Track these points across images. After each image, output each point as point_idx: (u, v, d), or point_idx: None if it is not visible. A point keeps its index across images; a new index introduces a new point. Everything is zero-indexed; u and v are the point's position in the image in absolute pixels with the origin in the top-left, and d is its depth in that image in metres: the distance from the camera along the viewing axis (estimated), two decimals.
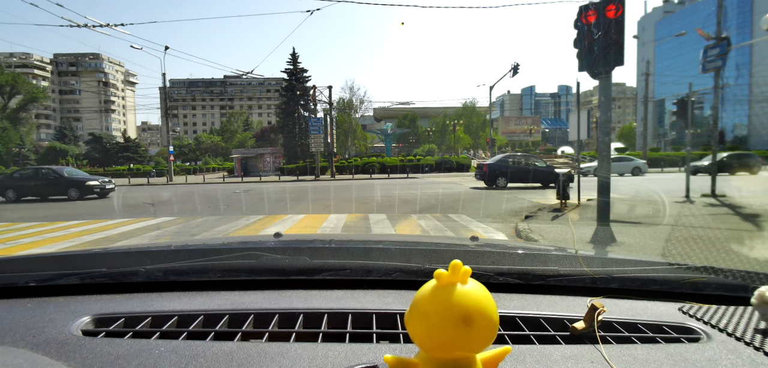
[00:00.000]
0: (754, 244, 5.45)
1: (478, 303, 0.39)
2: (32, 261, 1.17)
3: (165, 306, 0.80)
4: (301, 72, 44.32)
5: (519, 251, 1.20)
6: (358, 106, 49.05)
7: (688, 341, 0.66)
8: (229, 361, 0.58)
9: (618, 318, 0.74)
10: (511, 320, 0.74)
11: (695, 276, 0.97)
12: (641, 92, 54.63)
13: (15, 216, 10.58)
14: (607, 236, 5.99)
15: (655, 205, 9.91)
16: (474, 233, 6.30)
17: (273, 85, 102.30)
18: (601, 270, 0.98)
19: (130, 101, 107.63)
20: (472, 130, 59.83)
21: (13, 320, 0.73)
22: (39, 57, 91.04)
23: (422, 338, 0.40)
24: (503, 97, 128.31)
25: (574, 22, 6.39)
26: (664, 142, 63.14)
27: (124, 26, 18.06)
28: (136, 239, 6.85)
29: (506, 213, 9.08)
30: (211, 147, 68.42)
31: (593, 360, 0.59)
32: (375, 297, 0.84)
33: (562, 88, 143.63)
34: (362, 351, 0.61)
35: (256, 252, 1.12)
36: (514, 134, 61.76)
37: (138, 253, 1.19)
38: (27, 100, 51.95)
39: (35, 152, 56.39)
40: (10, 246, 6.48)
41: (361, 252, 1.21)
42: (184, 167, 47.07)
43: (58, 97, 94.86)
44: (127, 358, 0.58)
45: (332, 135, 33.41)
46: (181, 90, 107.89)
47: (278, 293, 0.86)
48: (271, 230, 7.01)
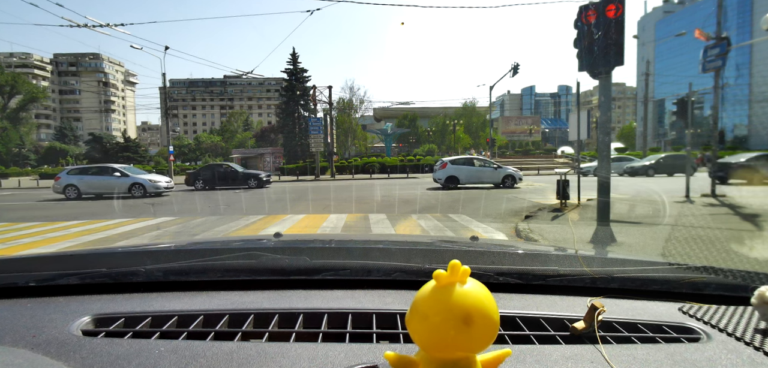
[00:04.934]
0: (754, 244, 5.45)
1: (478, 303, 0.39)
2: (32, 261, 1.17)
3: (165, 306, 0.80)
4: (301, 72, 44.35)
5: (519, 251, 1.20)
6: (358, 106, 49.08)
7: (688, 341, 0.66)
8: (229, 361, 0.58)
9: (618, 318, 0.74)
10: (511, 320, 0.74)
11: (695, 276, 0.97)
12: (641, 92, 54.64)
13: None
14: (607, 236, 5.99)
15: (655, 205, 9.91)
16: (474, 233, 6.30)
17: (273, 85, 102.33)
18: (601, 270, 0.98)
19: (130, 101, 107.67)
20: (472, 130, 59.77)
21: (13, 320, 0.73)
22: (39, 57, 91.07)
23: (423, 338, 0.40)
24: (503, 97, 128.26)
25: (574, 22, 6.39)
26: (664, 142, 63.02)
27: (124, 26, 18.02)
28: (136, 239, 6.85)
29: (506, 213, 9.08)
30: (211, 147, 68.41)
31: (593, 360, 0.59)
32: (375, 297, 0.84)
33: (562, 88, 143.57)
34: (362, 351, 0.61)
35: (256, 252, 1.12)
36: (514, 134, 61.67)
37: (138, 253, 1.19)
38: (27, 100, 51.99)
39: (35, 152, 56.37)
40: (10, 246, 6.48)
41: (361, 252, 1.21)
42: (184, 167, 46.99)
43: (58, 97, 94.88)
44: (127, 358, 0.58)
45: (332, 135, 33.41)
46: (181, 90, 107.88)
47: (278, 293, 0.86)
48: (271, 230, 7.01)
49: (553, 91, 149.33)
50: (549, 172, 27.10)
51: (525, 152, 52.05)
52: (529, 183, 19.61)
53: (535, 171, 31.89)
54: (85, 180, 16.24)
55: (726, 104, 64.45)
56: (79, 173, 16.69)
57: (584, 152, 33.92)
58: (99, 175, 16.46)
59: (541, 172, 30.85)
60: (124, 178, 16.19)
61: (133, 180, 16.07)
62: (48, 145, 60.17)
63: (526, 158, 43.26)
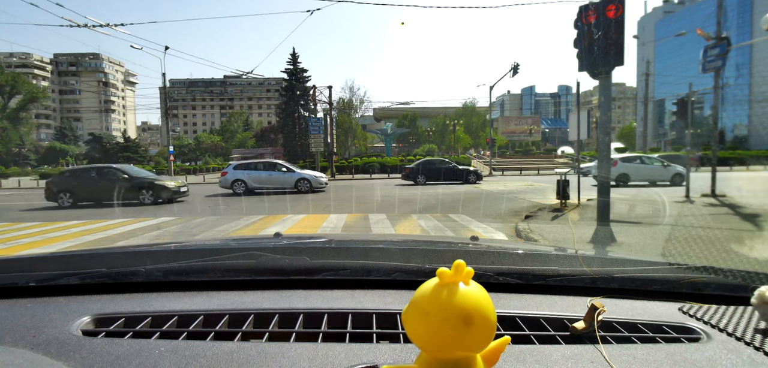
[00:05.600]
0: (754, 244, 5.45)
1: (478, 304, 0.39)
2: (32, 261, 1.17)
3: (165, 306, 0.80)
4: (301, 72, 44.36)
5: (519, 251, 1.20)
6: (358, 106, 49.05)
7: (688, 341, 0.66)
8: (229, 361, 0.58)
9: (618, 318, 0.74)
10: (511, 320, 0.74)
11: (695, 276, 0.97)
12: (641, 92, 54.65)
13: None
14: (607, 236, 5.99)
15: (655, 205, 9.91)
16: (474, 233, 6.30)
17: (273, 85, 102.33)
18: (601, 270, 0.98)
19: (130, 101, 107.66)
20: (472, 130, 59.79)
21: (13, 320, 0.73)
22: (39, 57, 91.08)
23: (421, 337, 0.40)
24: (503, 97, 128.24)
25: (574, 22, 6.39)
26: (664, 142, 63.01)
27: (124, 26, 18.02)
28: (136, 239, 6.85)
29: (506, 213, 9.08)
30: (211, 147, 68.39)
31: (593, 360, 0.59)
32: (375, 297, 0.84)
33: (562, 88, 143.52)
34: (362, 351, 0.61)
35: (256, 252, 1.12)
36: (514, 134, 61.65)
37: (138, 253, 1.19)
38: (27, 100, 51.99)
39: (35, 152, 56.39)
40: (10, 246, 6.48)
41: (361, 252, 1.21)
42: (184, 167, 47.02)
43: (58, 97, 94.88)
44: (127, 358, 0.58)
45: (332, 135, 33.41)
46: (181, 90, 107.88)
47: (278, 293, 0.86)
48: (271, 230, 7.01)
49: (553, 91, 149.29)
50: (549, 172, 27.10)
51: (525, 152, 52.02)
52: (529, 183, 19.64)
53: (535, 171, 31.90)
54: (253, 175, 16.10)
55: (726, 104, 64.44)
56: (246, 168, 16.46)
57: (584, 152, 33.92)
58: (267, 170, 16.46)
59: (541, 171, 30.85)
60: (290, 173, 16.29)
61: (300, 175, 16.26)
62: (48, 145, 60.20)
63: (526, 158, 43.27)
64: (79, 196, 13.15)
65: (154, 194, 13.05)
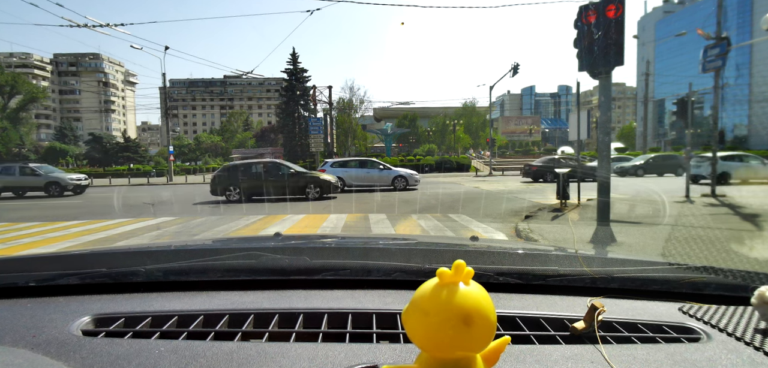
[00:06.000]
0: (754, 244, 5.45)
1: (478, 304, 0.39)
2: (32, 261, 1.17)
3: (165, 306, 0.80)
4: (301, 72, 44.39)
5: (519, 251, 1.20)
6: (358, 106, 49.06)
7: (688, 341, 0.66)
8: (229, 361, 0.58)
9: (618, 318, 0.74)
10: (511, 320, 0.74)
11: (695, 276, 0.97)
12: (641, 92, 54.63)
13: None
14: (607, 236, 5.99)
15: (655, 205, 9.91)
16: (474, 233, 6.30)
17: (273, 85, 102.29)
18: (601, 270, 0.98)
19: (130, 101, 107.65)
20: (472, 130, 59.85)
21: (13, 320, 0.73)
22: (39, 57, 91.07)
23: (421, 336, 0.40)
24: (503, 97, 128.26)
25: (574, 22, 6.39)
26: (664, 141, 62.92)
27: (124, 26, 18.09)
28: (136, 239, 6.84)
29: (506, 213, 9.08)
30: (211, 147, 68.41)
31: (593, 360, 0.59)
32: (375, 297, 0.84)
33: (562, 88, 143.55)
34: (362, 351, 0.61)
35: (256, 252, 1.12)
36: (514, 134, 61.73)
37: (138, 253, 1.19)
38: (27, 100, 51.98)
39: (35, 152, 56.38)
40: (10, 246, 6.48)
41: (361, 252, 1.21)
42: (184, 167, 47.00)
43: (58, 97, 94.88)
44: (127, 358, 0.58)
45: (332, 135, 33.42)
46: (181, 90, 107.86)
47: (278, 293, 0.86)
48: (271, 230, 7.01)
49: (553, 91, 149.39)
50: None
51: (525, 152, 52.07)
52: (529, 182, 19.63)
53: None
54: (351, 173, 16.38)
55: (726, 104, 64.39)
56: (343, 166, 16.74)
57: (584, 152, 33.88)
58: (364, 168, 16.75)
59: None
60: (387, 170, 16.61)
61: (396, 173, 16.51)
62: (48, 145, 60.16)
63: (526, 158, 43.19)
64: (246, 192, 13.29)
65: (321, 190, 13.44)
